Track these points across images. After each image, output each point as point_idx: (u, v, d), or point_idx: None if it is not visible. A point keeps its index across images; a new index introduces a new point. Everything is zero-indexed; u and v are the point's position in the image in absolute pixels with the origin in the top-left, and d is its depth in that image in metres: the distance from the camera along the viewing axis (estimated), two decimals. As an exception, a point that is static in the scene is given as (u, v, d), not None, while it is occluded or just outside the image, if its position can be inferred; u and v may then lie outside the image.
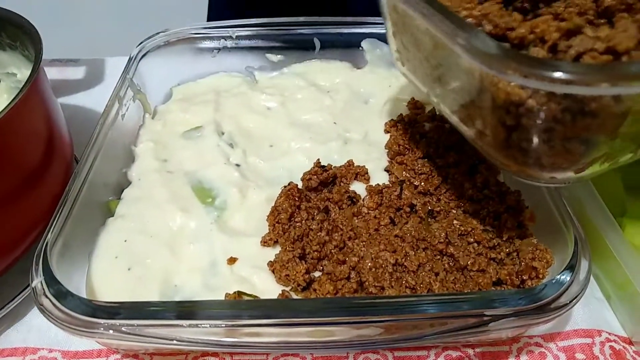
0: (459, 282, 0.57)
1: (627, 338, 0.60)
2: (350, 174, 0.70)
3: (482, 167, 0.69)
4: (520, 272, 0.57)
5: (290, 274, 0.57)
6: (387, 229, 0.62)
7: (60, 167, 0.67)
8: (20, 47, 0.70)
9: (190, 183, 0.69)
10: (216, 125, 0.77)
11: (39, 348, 0.59)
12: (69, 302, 0.49)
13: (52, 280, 0.50)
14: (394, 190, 0.66)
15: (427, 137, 0.74)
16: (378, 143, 0.76)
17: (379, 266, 0.57)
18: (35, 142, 0.62)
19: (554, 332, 0.60)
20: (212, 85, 0.87)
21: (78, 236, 0.59)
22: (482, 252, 0.59)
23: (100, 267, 0.59)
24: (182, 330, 0.49)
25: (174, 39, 0.84)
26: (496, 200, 0.64)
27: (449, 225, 0.61)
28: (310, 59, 0.89)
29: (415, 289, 0.56)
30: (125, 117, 0.75)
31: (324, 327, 0.49)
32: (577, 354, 0.58)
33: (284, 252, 0.59)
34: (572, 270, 0.50)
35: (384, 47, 0.87)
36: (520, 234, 0.61)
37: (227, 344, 0.51)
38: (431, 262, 0.58)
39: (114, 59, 1.03)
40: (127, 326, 0.48)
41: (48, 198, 0.62)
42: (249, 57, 0.88)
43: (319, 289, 0.57)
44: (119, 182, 0.70)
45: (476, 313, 0.48)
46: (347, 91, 0.85)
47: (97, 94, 0.96)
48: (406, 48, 0.57)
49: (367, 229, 0.62)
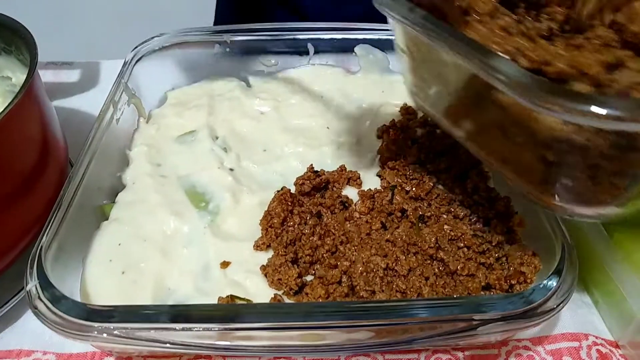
0: (448, 286, 0.58)
1: (614, 342, 0.61)
2: (342, 179, 0.70)
3: (472, 173, 0.69)
4: (509, 276, 0.58)
5: (282, 278, 0.58)
6: (378, 234, 0.63)
7: (54, 171, 0.67)
8: (15, 51, 0.71)
9: (184, 187, 0.69)
10: (210, 130, 0.78)
11: (33, 350, 0.59)
12: (63, 306, 0.49)
13: (46, 283, 0.51)
14: (386, 195, 0.67)
15: (418, 142, 0.75)
16: (370, 148, 0.77)
17: (370, 270, 0.58)
18: (30, 146, 0.62)
19: (542, 336, 0.61)
20: (206, 89, 0.87)
21: (72, 240, 0.59)
22: (471, 256, 0.60)
23: (94, 271, 0.60)
24: (175, 334, 0.49)
25: (169, 43, 0.85)
26: (486, 205, 0.65)
27: (440, 230, 0.62)
28: (304, 64, 0.90)
29: (405, 293, 0.57)
30: (120, 121, 0.75)
31: (316, 331, 0.50)
32: (565, 357, 0.59)
33: (277, 257, 0.60)
34: (559, 275, 0.51)
35: (377, 53, 0.88)
36: (509, 239, 0.62)
37: (219, 347, 0.51)
38: (421, 266, 0.59)
39: (109, 62, 1.04)
40: (121, 329, 0.48)
41: (42, 202, 0.63)
42: (243, 61, 0.89)
43: (311, 292, 0.57)
44: (113, 186, 0.71)
45: (465, 317, 0.49)
46: (340, 96, 0.86)
47: (92, 97, 0.96)
48: (426, 83, 0.57)
49: (358, 234, 0.63)
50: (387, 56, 0.88)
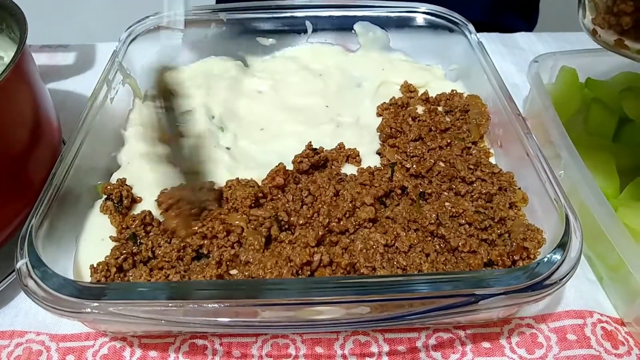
0: (449, 263, 0.57)
1: (619, 319, 0.60)
2: (341, 156, 0.69)
3: (474, 149, 0.68)
4: (511, 252, 0.57)
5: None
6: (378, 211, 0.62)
7: (47, 152, 0.66)
8: (7, 29, 0.69)
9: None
10: (206, 109, 0.76)
11: (27, 331, 0.58)
12: (54, 283, 0.48)
13: (37, 261, 0.49)
14: (385, 173, 0.65)
15: (419, 120, 0.73)
16: (370, 126, 0.75)
17: (370, 247, 0.57)
18: (19, 125, 0.61)
19: (545, 314, 0.59)
20: (203, 69, 0.86)
21: (65, 219, 0.58)
22: (473, 233, 0.59)
23: (87, 250, 0.59)
24: (169, 311, 0.48)
25: (164, 22, 0.83)
26: (488, 181, 0.64)
27: (441, 207, 0.61)
28: (303, 43, 0.88)
29: (406, 270, 0.55)
30: (115, 100, 0.74)
31: (315, 307, 0.49)
32: (569, 335, 0.57)
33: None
34: (564, 248, 0.50)
35: (377, 30, 0.86)
36: (511, 215, 0.61)
37: (215, 324, 0.50)
38: (422, 243, 0.58)
39: (104, 45, 1.02)
40: (114, 307, 0.47)
41: (35, 182, 0.61)
42: (240, 40, 0.87)
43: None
44: (108, 166, 0.70)
45: (467, 292, 0.47)
46: (339, 74, 0.84)
47: (87, 79, 0.95)
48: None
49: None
50: (387, 34, 0.86)
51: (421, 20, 0.85)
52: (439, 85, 0.83)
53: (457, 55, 0.83)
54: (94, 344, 0.57)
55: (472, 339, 0.57)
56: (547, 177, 0.57)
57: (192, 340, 0.57)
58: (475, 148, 0.70)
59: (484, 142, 0.73)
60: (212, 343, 0.57)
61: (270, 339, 0.57)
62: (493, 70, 0.73)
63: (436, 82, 0.84)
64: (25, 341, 0.57)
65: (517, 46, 1.05)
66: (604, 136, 0.74)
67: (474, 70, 0.78)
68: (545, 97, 0.71)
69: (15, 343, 0.57)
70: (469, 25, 0.82)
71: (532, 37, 1.08)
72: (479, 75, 0.76)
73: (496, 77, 0.72)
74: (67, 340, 0.57)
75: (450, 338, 0.58)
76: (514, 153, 0.66)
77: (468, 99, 0.77)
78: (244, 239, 0.58)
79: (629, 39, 0.54)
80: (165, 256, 0.56)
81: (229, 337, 0.58)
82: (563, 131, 0.66)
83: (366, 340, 0.57)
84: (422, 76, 0.84)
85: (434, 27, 0.85)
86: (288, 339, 0.57)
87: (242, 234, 0.58)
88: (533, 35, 1.09)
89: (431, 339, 0.57)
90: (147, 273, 0.55)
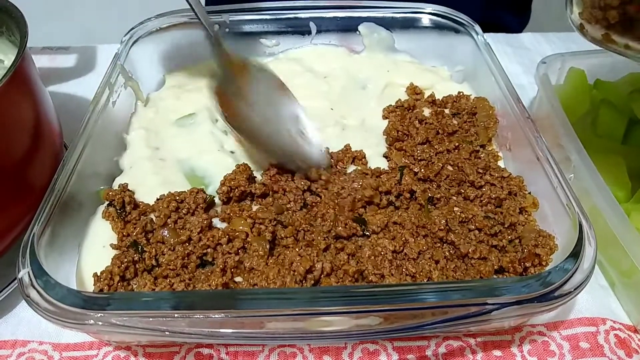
0: (459, 270, 0.56)
1: (632, 326, 0.59)
2: (347, 157, 0.68)
3: (482, 153, 0.67)
4: (522, 259, 0.56)
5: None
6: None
7: (48, 157, 0.65)
8: (7, 32, 0.68)
9: (183, 171, 0.67)
10: (210, 112, 0.75)
11: (29, 341, 0.57)
12: (57, 293, 0.47)
13: (39, 270, 0.48)
14: (393, 176, 0.64)
15: (426, 122, 0.72)
16: (376, 129, 0.74)
17: (378, 254, 0.56)
18: (20, 129, 0.59)
19: (557, 321, 0.58)
20: (206, 71, 0.84)
21: (68, 226, 0.57)
22: (483, 239, 0.58)
23: (90, 258, 0.58)
24: (174, 321, 0.47)
25: (166, 24, 0.82)
26: (497, 186, 0.63)
27: (450, 212, 0.60)
28: (306, 44, 0.87)
29: (415, 277, 0.54)
30: (117, 104, 0.73)
31: (322, 318, 0.48)
32: (582, 342, 0.56)
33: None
34: (577, 257, 0.48)
35: (382, 32, 0.85)
36: (522, 221, 0.60)
37: (221, 335, 0.49)
38: (431, 249, 0.57)
39: (105, 47, 1.01)
40: (118, 317, 0.46)
41: (36, 188, 0.60)
42: (244, 42, 0.86)
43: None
44: (110, 171, 0.68)
45: (479, 302, 0.46)
46: (344, 77, 0.83)
47: (88, 82, 0.94)
48: None
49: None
50: (392, 35, 0.85)
51: (426, 21, 0.84)
52: (445, 87, 0.82)
53: (463, 56, 0.82)
54: (98, 354, 0.56)
55: (482, 346, 0.56)
56: (558, 181, 0.56)
57: (197, 350, 0.56)
58: (483, 151, 0.69)
59: (492, 145, 0.72)
60: (218, 352, 0.56)
61: (277, 348, 0.56)
62: (501, 71, 0.72)
63: (442, 83, 0.83)
64: (27, 351, 0.56)
65: (522, 47, 1.04)
66: (613, 138, 0.73)
67: (480, 72, 0.77)
68: (554, 98, 0.70)
69: (18, 353, 0.56)
70: (475, 26, 0.81)
71: (539, 37, 1.07)
72: (486, 77, 0.75)
73: (504, 79, 0.71)
74: (71, 350, 0.56)
75: (461, 346, 0.57)
76: (523, 156, 0.65)
77: (475, 101, 0.76)
78: (248, 244, 0.57)
79: (616, 33, 0.54)
80: (170, 264, 0.55)
81: (235, 347, 0.57)
82: (573, 134, 0.65)
83: (375, 349, 0.56)
84: (428, 78, 0.83)
85: (439, 28, 0.84)
86: (295, 348, 0.56)
87: (247, 239, 0.57)
88: (539, 35, 1.08)
89: (441, 347, 0.56)
90: (151, 282, 0.54)
